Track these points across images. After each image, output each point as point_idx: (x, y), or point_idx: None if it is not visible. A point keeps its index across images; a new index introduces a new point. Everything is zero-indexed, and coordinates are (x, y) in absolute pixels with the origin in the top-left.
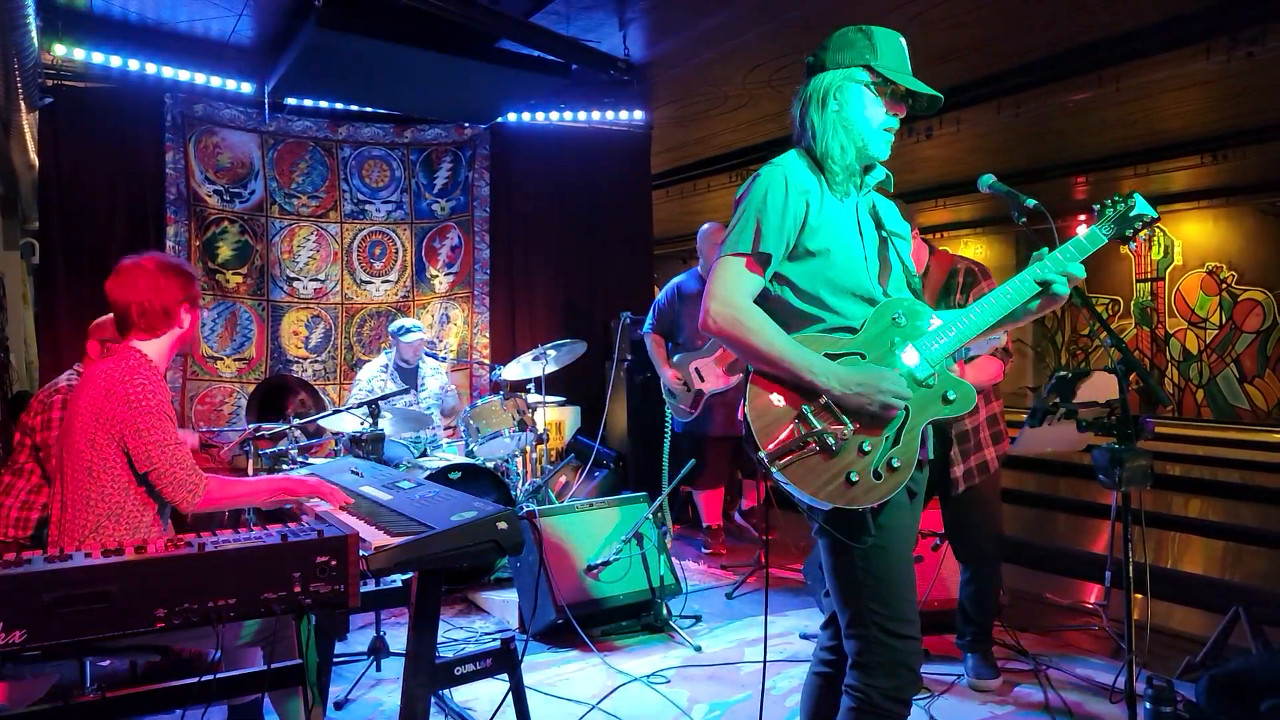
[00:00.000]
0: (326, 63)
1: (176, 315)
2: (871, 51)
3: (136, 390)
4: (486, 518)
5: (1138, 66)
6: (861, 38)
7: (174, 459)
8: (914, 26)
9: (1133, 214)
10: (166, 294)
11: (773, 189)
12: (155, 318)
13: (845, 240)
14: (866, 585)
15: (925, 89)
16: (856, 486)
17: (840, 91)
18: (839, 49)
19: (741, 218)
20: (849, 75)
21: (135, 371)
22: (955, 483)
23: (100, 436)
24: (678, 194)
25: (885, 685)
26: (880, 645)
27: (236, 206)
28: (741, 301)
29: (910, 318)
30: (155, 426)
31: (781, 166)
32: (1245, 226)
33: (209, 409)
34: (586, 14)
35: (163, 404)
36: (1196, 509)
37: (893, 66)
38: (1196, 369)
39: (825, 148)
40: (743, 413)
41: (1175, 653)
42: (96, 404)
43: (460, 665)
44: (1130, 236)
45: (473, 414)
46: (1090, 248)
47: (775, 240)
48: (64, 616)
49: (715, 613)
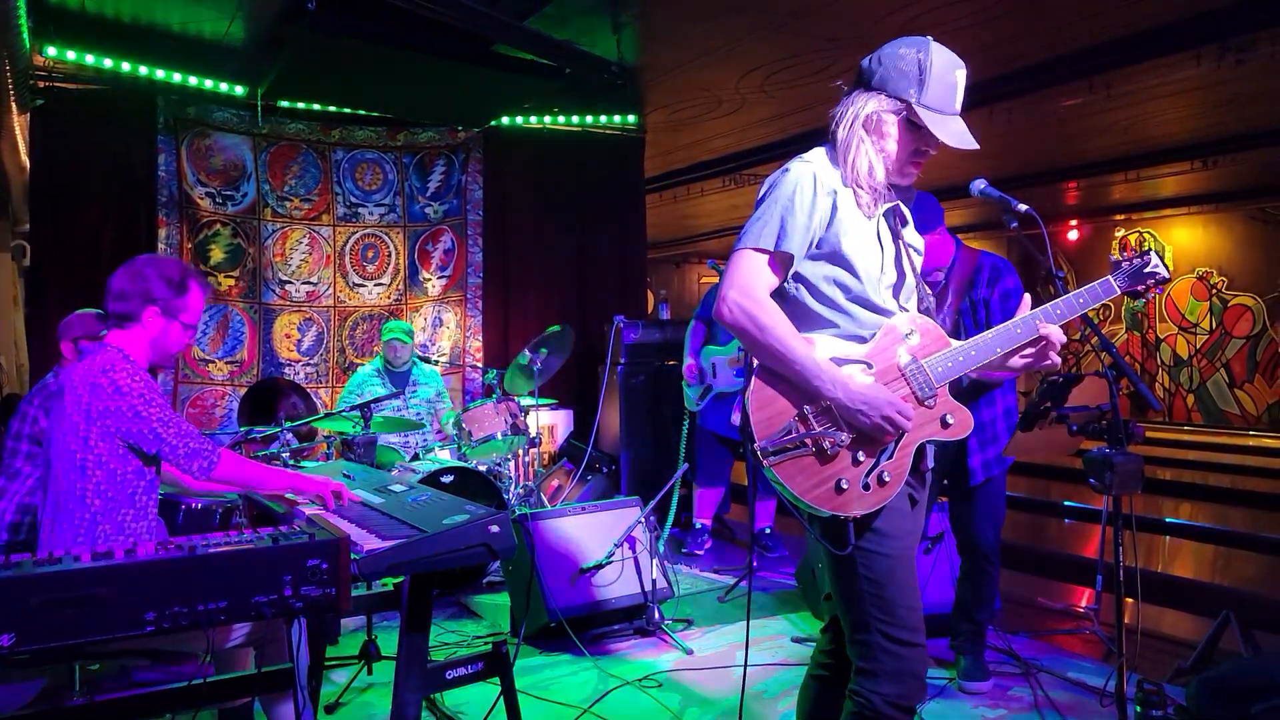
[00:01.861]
0: (319, 65)
1: (140, 315)
2: (918, 87)
3: (122, 378)
4: (478, 521)
5: (1129, 73)
6: (914, 66)
7: (181, 432)
8: (905, 33)
9: (1147, 270)
10: (133, 292)
11: (801, 185)
12: (120, 313)
13: (865, 248)
14: (869, 592)
15: (957, 143)
16: (844, 495)
17: (878, 121)
18: (890, 69)
19: (766, 212)
20: (891, 106)
21: (115, 362)
22: (973, 472)
23: (94, 433)
24: (671, 198)
25: (890, 692)
26: (885, 652)
27: (229, 209)
28: (759, 295)
29: (922, 336)
30: (151, 405)
31: (812, 164)
32: (1235, 232)
33: (200, 412)
34: (580, 18)
35: (152, 385)
36: (1187, 513)
37: (935, 106)
38: (1187, 374)
39: (854, 166)
40: (744, 402)
41: (1166, 657)
42: (84, 402)
43: (452, 669)
44: (1142, 293)
45: (465, 417)
46: (1104, 297)
47: (800, 239)
48: (53, 620)
49: (707, 616)
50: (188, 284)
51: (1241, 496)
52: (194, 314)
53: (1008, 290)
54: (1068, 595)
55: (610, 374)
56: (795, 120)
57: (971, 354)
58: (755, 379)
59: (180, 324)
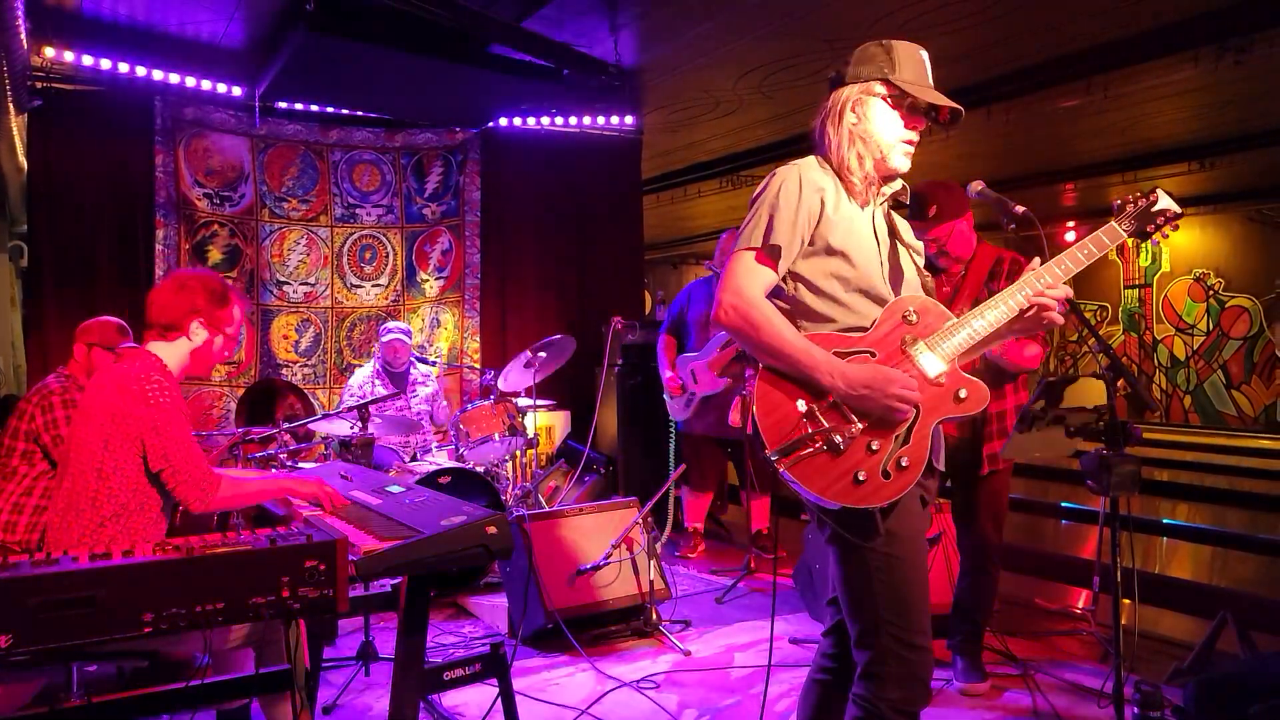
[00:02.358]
0: (317, 66)
1: (185, 326)
2: (890, 65)
3: (155, 388)
4: (476, 522)
5: (1127, 74)
6: (880, 51)
7: (189, 457)
8: (904, 34)
9: (1155, 209)
10: (180, 302)
11: (786, 185)
12: (165, 323)
13: (861, 242)
14: (881, 595)
15: (941, 100)
16: (864, 486)
17: (858, 105)
18: (858, 63)
19: (755, 214)
20: (867, 88)
21: (152, 370)
22: (983, 462)
23: (115, 437)
24: (668, 199)
25: (896, 697)
26: (893, 657)
27: (226, 210)
28: (753, 295)
29: (922, 315)
30: (173, 424)
31: (798, 166)
32: (1233, 233)
33: (198, 412)
34: (578, 19)
35: (180, 404)
36: (1184, 514)
37: (910, 80)
38: (1184, 375)
39: (842, 159)
40: (750, 409)
41: (1163, 658)
42: (112, 404)
43: (449, 670)
44: (1151, 233)
45: (463, 418)
46: (1110, 244)
47: (787, 234)
48: (50, 621)
49: (705, 617)
50: (229, 296)
51: (1238, 498)
52: (236, 325)
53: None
54: (1065, 596)
55: (608, 375)
56: (793, 122)
57: (976, 324)
58: (759, 383)
59: (224, 335)
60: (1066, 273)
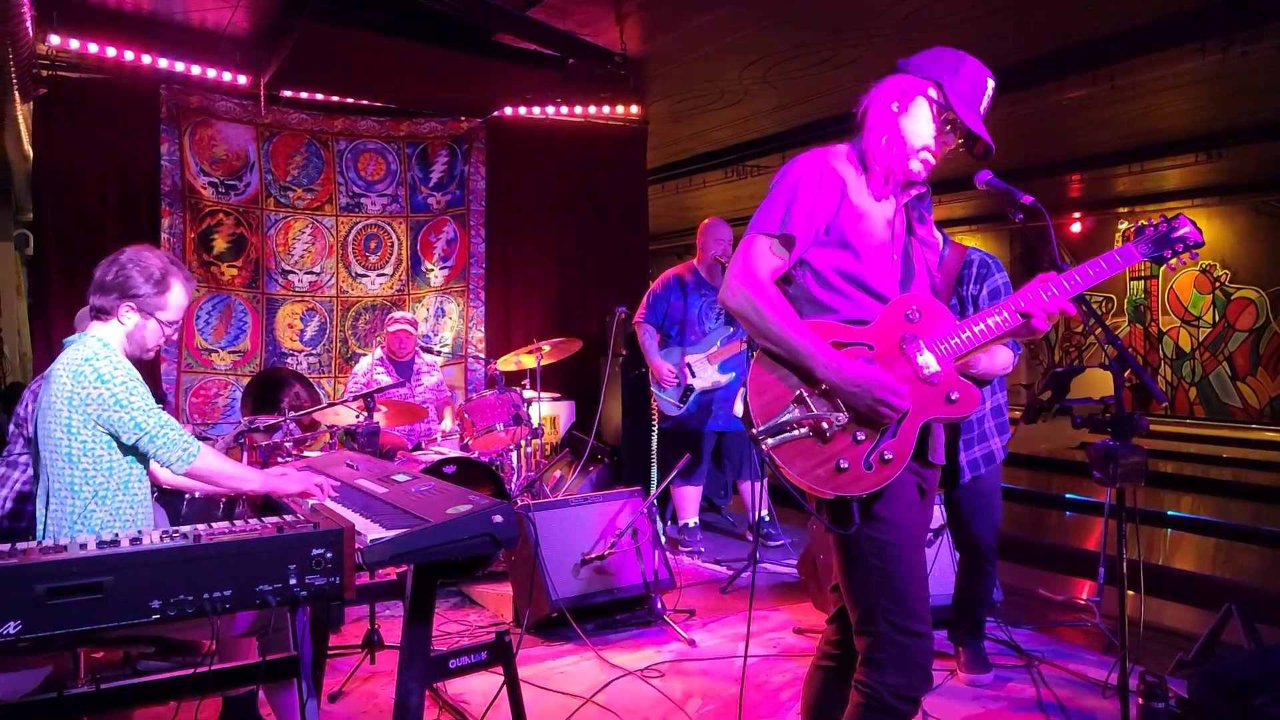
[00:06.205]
0: (322, 55)
1: (115, 310)
2: (952, 74)
3: (104, 365)
4: (481, 511)
5: (1133, 65)
6: (951, 58)
7: (162, 421)
8: (909, 25)
9: (1175, 235)
10: (112, 286)
11: (808, 173)
12: (97, 305)
13: (872, 237)
14: (877, 581)
15: (981, 131)
16: (845, 474)
17: (905, 97)
18: (926, 57)
19: (774, 198)
20: (920, 85)
21: (97, 351)
22: (961, 470)
23: (76, 421)
24: (673, 189)
25: (896, 683)
26: (892, 643)
27: (231, 199)
28: (760, 278)
29: (924, 314)
30: (134, 394)
31: (824, 154)
32: (1239, 225)
33: (203, 401)
34: (583, 8)
35: (134, 374)
36: (1189, 506)
37: (963, 97)
38: (1189, 366)
39: (871, 143)
40: (743, 387)
41: (1168, 649)
42: (66, 390)
43: (455, 658)
44: (1168, 258)
45: (467, 408)
46: (1123, 264)
47: (803, 224)
48: (58, 607)
49: (709, 607)
50: (168, 282)
51: (1243, 489)
52: (174, 311)
53: (996, 288)
54: (1069, 587)
55: (612, 365)
56: (798, 111)
57: (976, 328)
58: (754, 364)
59: (157, 321)
60: (1075, 288)
